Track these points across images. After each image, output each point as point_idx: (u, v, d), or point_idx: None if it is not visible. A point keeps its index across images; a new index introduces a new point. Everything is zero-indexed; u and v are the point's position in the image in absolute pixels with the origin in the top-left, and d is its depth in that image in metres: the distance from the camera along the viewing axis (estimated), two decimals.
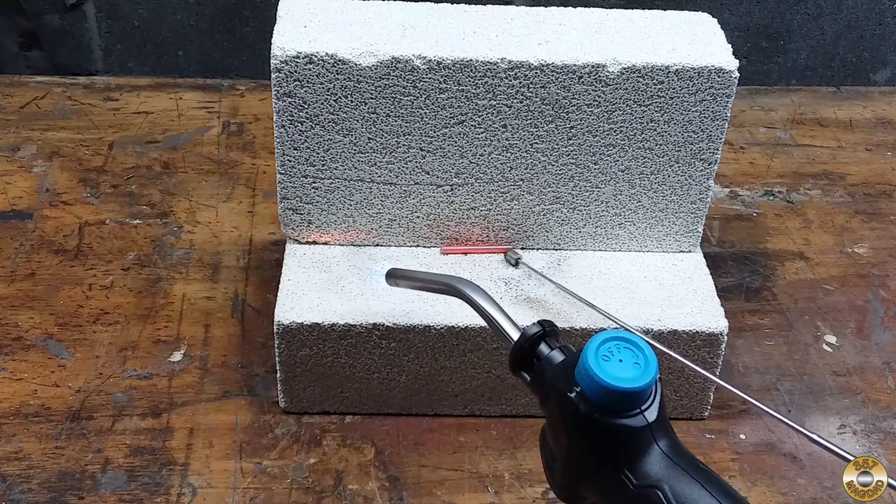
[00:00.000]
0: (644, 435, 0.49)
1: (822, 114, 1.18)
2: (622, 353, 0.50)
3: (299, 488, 0.72)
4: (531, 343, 0.56)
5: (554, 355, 0.55)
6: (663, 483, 0.48)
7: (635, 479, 0.49)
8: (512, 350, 0.57)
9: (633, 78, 0.72)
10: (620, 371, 0.49)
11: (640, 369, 0.49)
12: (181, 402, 0.78)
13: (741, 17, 1.21)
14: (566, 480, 0.53)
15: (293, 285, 0.75)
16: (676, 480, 0.48)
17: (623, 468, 0.49)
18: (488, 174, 0.77)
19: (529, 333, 0.56)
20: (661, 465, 0.49)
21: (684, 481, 0.48)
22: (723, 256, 0.96)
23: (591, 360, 0.49)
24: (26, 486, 0.71)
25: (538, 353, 0.55)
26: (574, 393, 0.50)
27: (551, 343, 0.56)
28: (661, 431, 0.50)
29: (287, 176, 0.76)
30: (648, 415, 0.49)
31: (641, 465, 0.49)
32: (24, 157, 1.01)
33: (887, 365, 0.86)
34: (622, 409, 0.49)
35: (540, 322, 0.56)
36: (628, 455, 0.49)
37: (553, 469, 0.54)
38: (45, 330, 0.83)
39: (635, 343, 0.50)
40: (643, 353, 0.50)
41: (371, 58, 0.71)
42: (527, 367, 0.56)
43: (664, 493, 0.48)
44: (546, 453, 0.55)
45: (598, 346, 0.50)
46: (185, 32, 1.18)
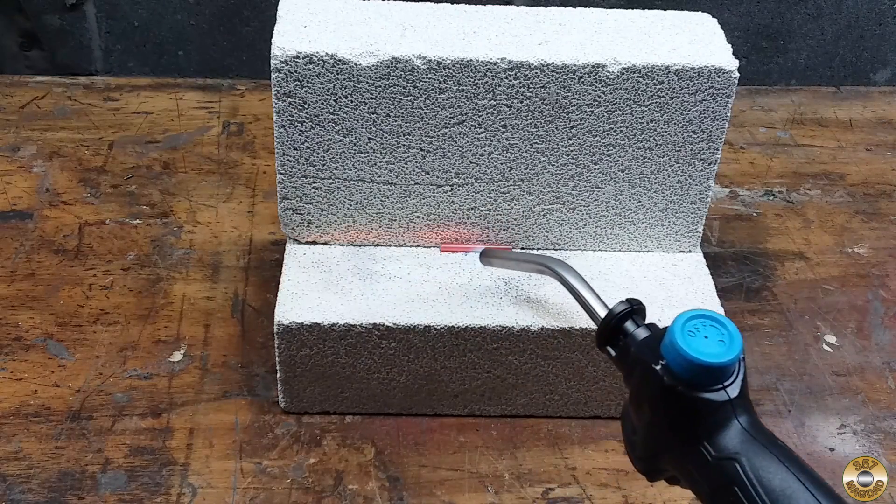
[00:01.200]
0: (725, 410, 0.51)
1: (822, 114, 1.18)
2: (707, 331, 0.52)
3: (299, 488, 0.72)
4: (618, 320, 0.59)
5: (639, 332, 0.58)
6: (741, 456, 0.50)
7: (714, 451, 0.51)
8: (599, 326, 0.61)
9: (633, 78, 0.72)
10: (706, 347, 0.51)
11: (725, 346, 0.51)
12: (181, 402, 0.78)
13: (741, 17, 1.21)
14: (647, 453, 0.55)
15: (293, 285, 0.75)
16: (754, 454, 0.50)
17: (703, 441, 0.51)
18: (488, 174, 0.77)
19: (616, 311, 0.59)
20: (740, 439, 0.51)
21: (762, 455, 0.50)
22: (723, 256, 0.96)
23: (677, 334, 0.51)
24: (26, 486, 0.71)
25: (624, 330, 0.59)
26: (660, 366, 0.52)
27: (637, 320, 0.59)
28: (742, 408, 0.52)
29: (287, 176, 0.76)
30: (730, 391, 0.51)
31: (721, 439, 0.51)
32: (24, 157, 1.01)
33: (887, 365, 0.86)
34: (705, 383, 0.51)
35: (627, 300, 0.60)
36: (708, 428, 0.51)
37: (634, 443, 0.56)
38: (45, 330, 0.83)
39: (720, 321, 0.52)
40: (728, 331, 0.52)
41: (371, 58, 0.71)
42: (612, 344, 0.60)
43: (742, 466, 0.50)
44: (627, 428, 0.57)
45: (685, 322, 0.52)
46: (185, 32, 1.18)
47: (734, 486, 0.49)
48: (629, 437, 0.57)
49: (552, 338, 0.74)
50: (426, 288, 0.76)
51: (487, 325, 0.73)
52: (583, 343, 0.74)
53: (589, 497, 0.73)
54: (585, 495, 0.73)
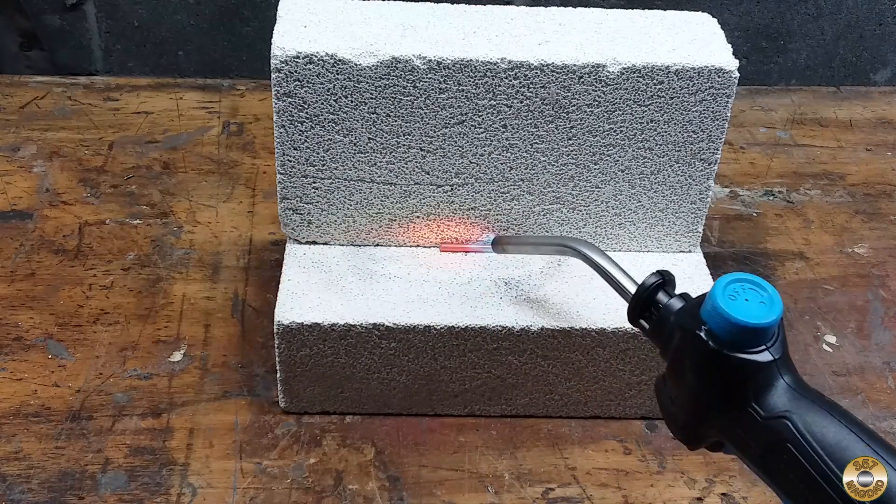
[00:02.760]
0: (770, 370, 0.52)
1: (822, 114, 1.18)
2: (747, 294, 0.52)
3: (299, 488, 0.72)
4: (650, 292, 0.59)
5: (673, 302, 0.58)
6: (791, 413, 0.50)
7: (763, 411, 0.51)
8: (631, 300, 0.61)
9: (633, 78, 0.72)
10: (748, 309, 0.51)
11: (766, 307, 0.52)
12: (181, 402, 0.78)
13: (741, 17, 1.21)
14: (690, 421, 0.55)
15: (293, 285, 0.75)
16: (804, 410, 0.50)
17: (750, 402, 0.52)
18: (488, 174, 0.77)
19: (648, 283, 0.59)
20: (788, 397, 0.51)
21: (812, 411, 0.50)
22: (723, 256, 0.96)
23: (719, 298, 0.52)
24: (26, 486, 0.71)
25: (657, 302, 0.59)
26: (703, 331, 0.52)
27: (669, 291, 0.59)
28: (786, 368, 0.52)
29: (287, 176, 0.76)
30: (774, 351, 0.52)
31: (768, 399, 0.51)
32: (24, 157, 1.01)
33: (887, 365, 0.86)
34: (750, 345, 0.52)
35: (658, 272, 0.60)
36: (755, 389, 0.52)
37: (674, 414, 0.57)
38: (45, 330, 0.83)
39: (759, 284, 0.53)
40: (768, 293, 0.52)
41: (371, 58, 0.71)
42: (645, 317, 0.60)
43: (793, 423, 0.50)
44: (665, 401, 0.57)
45: (725, 286, 0.52)
46: (185, 32, 1.18)
47: (787, 444, 0.50)
48: (667, 409, 0.57)
49: (552, 338, 0.74)
50: (426, 288, 0.76)
51: (487, 325, 0.73)
52: (583, 343, 0.74)
53: (589, 497, 0.73)
54: (585, 495, 0.73)
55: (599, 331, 0.74)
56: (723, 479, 0.75)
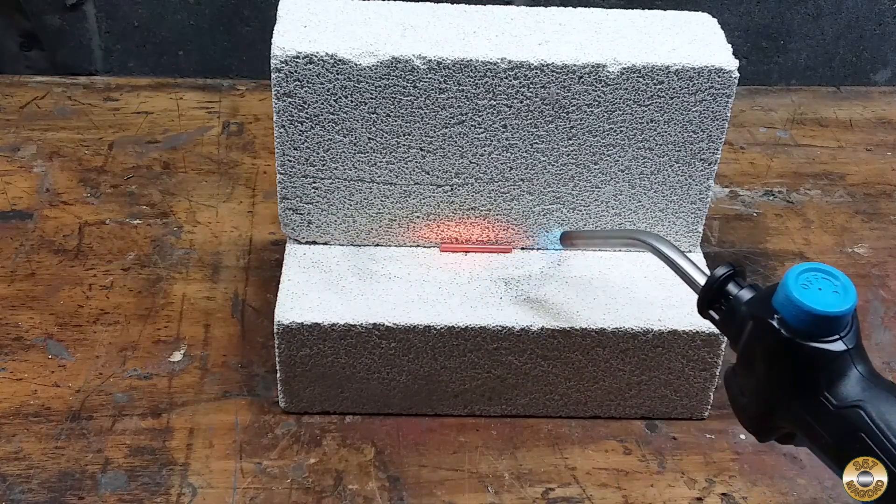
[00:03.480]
0: (843, 359, 0.51)
1: (822, 114, 1.18)
2: (820, 283, 0.52)
3: (299, 488, 0.72)
4: (720, 283, 0.59)
5: (744, 293, 0.58)
6: (865, 403, 0.50)
7: (836, 400, 0.51)
8: (702, 291, 0.60)
9: (633, 78, 0.72)
10: (821, 298, 0.51)
11: (840, 297, 0.51)
12: (181, 402, 0.78)
13: (741, 17, 1.21)
14: (761, 411, 0.55)
15: (293, 285, 0.75)
16: (878, 400, 0.50)
17: (823, 391, 0.51)
18: (488, 174, 0.77)
19: (719, 274, 0.59)
20: (861, 386, 0.51)
21: (886, 400, 0.50)
22: (723, 256, 0.96)
23: (793, 287, 0.52)
24: (26, 486, 0.71)
25: (727, 293, 0.58)
26: (775, 319, 0.52)
27: (739, 282, 0.59)
28: (859, 357, 0.52)
29: (287, 176, 0.76)
30: (847, 341, 0.51)
31: (841, 388, 0.51)
32: (24, 157, 1.01)
33: (887, 365, 0.86)
34: (823, 334, 0.51)
35: (729, 263, 0.59)
36: (828, 379, 0.51)
37: (744, 405, 0.56)
38: (45, 330, 0.83)
39: (833, 273, 0.52)
40: (841, 282, 0.52)
41: (371, 58, 0.71)
42: (715, 308, 0.59)
43: (867, 412, 0.50)
44: (734, 392, 0.57)
45: (798, 275, 0.52)
46: (185, 32, 1.18)
47: (860, 433, 0.49)
48: (737, 400, 0.57)
49: (552, 338, 0.74)
50: (426, 288, 0.76)
51: (487, 325, 0.73)
52: (583, 343, 0.74)
53: (589, 497, 0.73)
54: (585, 495, 0.73)
55: (599, 331, 0.74)
56: (723, 479, 0.75)
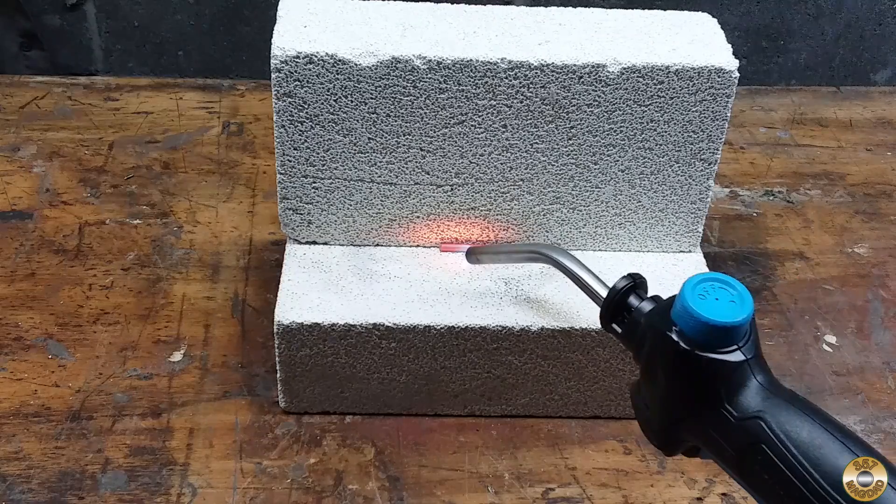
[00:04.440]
0: (742, 370, 0.51)
1: (822, 114, 1.18)
2: (717, 293, 0.52)
3: (299, 488, 0.72)
4: (621, 296, 0.59)
5: (644, 305, 0.58)
6: (765, 413, 0.50)
7: (736, 412, 0.51)
8: (603, 304, 0.60)
9: (633, 78, 0.72)
10: (718, 308, 0.51)
11: (737, 306, 0.51)
12: (181, 402, 0.78)
13: (741, 17, 1.21)
14: (664, 424, 0.55)
15: (293, 285, 0.75)
16: (778, 410, 0.50)
17: (723, 403, 0.51)
18: (488, 174, 0.77)
19: (619, 287, 0.59)
20: (761, 397, 0.51)
21: (786, 410, 0.50)
22: (723, 256, 0.96)
23: (689, 298, 0.51)
24: (26, 486, 0.71)
25: (628, 305, 0.59)
26: (673, 332, 0.52)
27: (640, 294, 0.59)
28: (758, 367, 0.52)
29: (287, 176, 0.76)
30: (746, 351, 0.51)
31: (741, 399, 0.51)
32: (24, 157, 1.01)
33: (887, 365, 0.86)
34: (721, 344, 0.51)
35: (630, 275, 0.59)
36: (728, 390, 0.51)
37: (648, 418, 0.56)
38: (45, 330, 0.83)
39: (729, 283, 0.52)
40: (738, 292, 0.52)
41: (371, 58, 0.71)
42: (617, 321, 0.59)
43: (767, 423, 0.50)
44: (639, 405, 0.57)
45: (694, 286, 0.52)
46: (185, 32, 1.18)
47: (762, 444, 0.49)
48: (642, 414, 0.57)
49: (552, 338, 0.74)
50: (426, 288, 0.76)
51: (487, 325, 0.73)
52: (583, 343, 0.74)
53: (589, 497, 0.73)
54: (585, 495, 0.73)
55: (599, 331, 0.73)
56: (723, 479, 0.75)
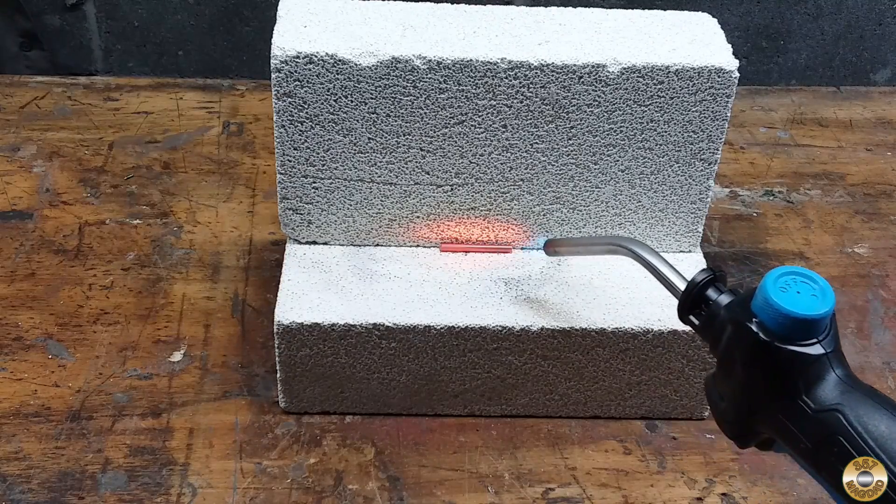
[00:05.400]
0: (822, 363, 0.51)
1: (822, 114, 1.18)
2: (799, 286, 0.52)
3: (299, 488, 0.72)
4: (700, 288, 0.59)
5: (723, 297, 0.57)
6: (843, 406, 0.50)
7: (814, 404, 0.51)
8: (682, 296, 0.60)
9: (633, 78, 0.72)
10: (800, 301, 0.51)
11: (818, 300, 0.51)
12: (181, 402, 0.78)
13: (741, 17, 1.21)
14: (740, 416, 0.55)
15: (293, 285, 0.75)
16: (856, 404, 0.50)
17: (801, 395, 0.51)
18: (488, 174, 0.77)
19: (698, 279, 0.59)
20: (839, 390, 0.51)
21: (864, 404, 0.50)
22: (723, 256, 0.96)
23: (771, 290, 0.51)
24: (26, 486, 0.71)
25: (706, 298, 0.58)
26: (754, 323, 0.52)
27: (719, 287, 0.58)
28: (838, 361, 0.52)
29: (287, 176, 0.76)
30: (826, 344, 0.51)
31: (819, 392, 0.51)
32: (24, 157, 1.01)
33: (887, 365, 0.86)
34: (801, 337, 0.51)
35: (709, 268, 0.59)
36: (806, 382, 0.51)
37: (724, 411, 0.56)
38: (45, 330, 0.83)
39: (811, 277, 0.52)
40: (819, 286, 0.52)
41: (371, 58, 0.71)
42: (695, 313, 0.59)
43: (845, 416, 0.50)
44: (714, 398, 0.57)
45: (777, 278, 0.52)
46: (185, 32, 1.18)
47: (839, 437, 0.49)
48: (717, 406, 0.57)
49: (552, 338, 0.74)
50: (426, 288, 0.76)
51: (487, 325, 0.73)
52: (583, 343, 0.74)
53: (589, 497, 0.73)
54: (585, 495, 0.73)
55: (599, 331, 0.74)
56: (723, 479, 0.75)
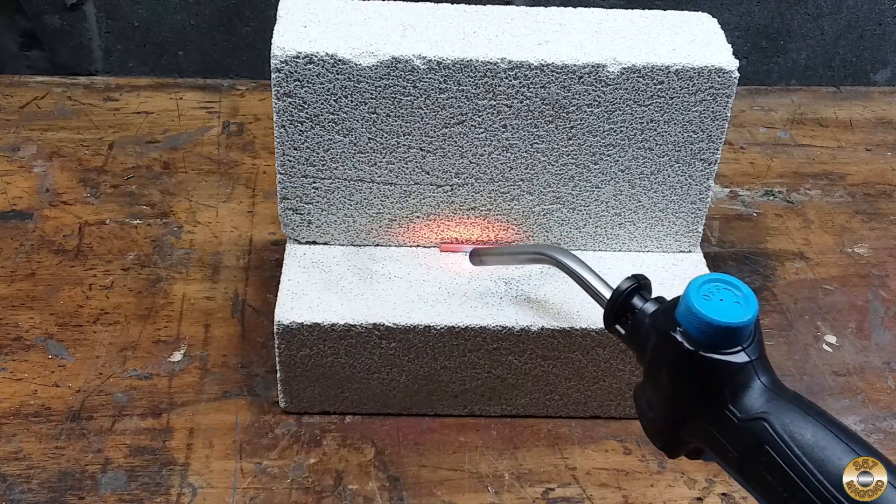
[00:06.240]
0: (747, 371, 0.51)
1: (822, 114, 1.18)
2: (722, 294, 0.52)
3: (299, 488, 0.72)
4: (625, 297, 0.59)
5: (648, 306, 0.57)
6: (769, 414, 0.50)
7: (740, 413, 0.51)
8: (606, 305, 0.60)
9: (633, 78, 0.72)
10: (723, 309, 0.51)
11: (741, 307, 0.51)
12: (181, 402, 0.78)
13: (741, 17, 1.21)
14: (668, 425, 0.55)
15: (293, 285, 0.75)
16: (781, 411, 0.50)
17: (727, 404, 0.51)
18: (488, 174, 0.77)
19: (623, 288, 0.59)
20: (765, 398, 0.51)
21: (790, 411, 0.50)
22: (723, 256, 0.96)
23: (693, 299, 0.51)
24: (26, 486, 0.71)
25: (632, 307, 0.58)
26: (678, 332, 0.52)
27: (644, 295, 0.58)
28: (762, 368, 0.52)
29: (287, 176, 0.76)
30: (750, 352, 0.51)
31: (745, 400, 0.51)
32: (24, 157, 1.01)
33: (887, 365, 0.86)
34: (725, 345, 0.51)
35: (633, 276, 0.59)
36: (732, 391, 0.51)
37: (652, 420, 0.56)
38: (45, 330, 0.83)
39: (733, 283, 0.52)
40: (742, 293, 0.52)
41: (371, 58, 0.71)
42: (621, 322, 0.59)
43: (771, 424, 0.49)
44: (642, 406, 0.57)
45: (699, 286, 0.52)
46: (185, 32, 1.18)
47: (765, 445, 0.49)
48: (645, 416, 0.57)
49: (552, 338, 0.74)
50: (426, 288, 0.76)
51: (487, 325, 0.73)
52: (583, 343, 0.74)
53: (589, 497, 0.73)
54: (585, 495, 0.73)
55: (599, 331, 0.74)
56: (723, 478, 0.75)
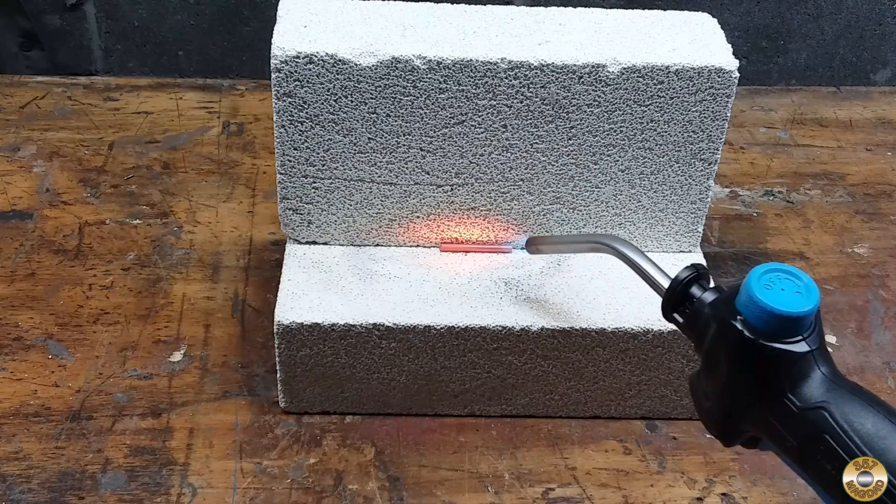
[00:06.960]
0: (807, 360, 0.51)
1: (822, 114, 1.18)
2: (783, 283, 0.52)
3: (299, 488, 0.72)
4: (684, 286, 0.58)
5: (707, 295, 0.57)
6: (829, 404, 0.50)
7: (799, 402, 0.51)
8: (665, 294, 0.60)
9: (633, 78, 0.72)
10: (784, 298, 0.51)
11: (803, 297, 0.51)
12: (181, 402, 0.78)
13: (741, 17, 1.21)
14: (725, 414, 0.55)
15: (293, 285, 0.75)
16: (841, 401, 0.50)
17: (786, 393, 0.51)
18: (488, 174, 0.77)
19: (681, 277, 0.59)
20: (825, 388, 0.51)
21: (850, 401, 0.50)
22: (723, 256, 0.96)
23: (755, 288, 0.51)
24: (26, 486, 0.71)
25: (691, 296, 0.58)
26: (738, 321, 0.52)
27: (703, 284, 0.58)
28: (823, 358, 0.52)
29: (287, 176, 0.76)
30: (811, 342, 0.51)
31: (805, 389, 0.51)
32: (24, 157, 1.01)
33: (887, 365, 0.86)
34: (786, 334, 0.51)
35: (693, 265, 0.59)
36: (791, 380, 0.51)
37: (709, 410, 0.56)
38: (45, 330, 0.83)
39: (795, 273, 0.52)
40: (804, 283, 0.52)
41: (371, 58, 0.71)
42: (679, 311, 0.59)
43: (831, 414, 0.49)
44: (698, 396, 0.57)
45: (761, 275, 0.52)
46: (185, 32, 1.18)
47: (825, 435, 0.49)
48: (702, 405, 0.57)
49: (552, 338, 0.74)
50: (426, 288, 0.76)
51: (487, 325, 0.73)
52: (583, 343, 0.74)
53: (589, 497, 0.73)
54: (585, 495, 0.73)
55: (599, 331, 0.74)
56: (723, 479, 0.75)
